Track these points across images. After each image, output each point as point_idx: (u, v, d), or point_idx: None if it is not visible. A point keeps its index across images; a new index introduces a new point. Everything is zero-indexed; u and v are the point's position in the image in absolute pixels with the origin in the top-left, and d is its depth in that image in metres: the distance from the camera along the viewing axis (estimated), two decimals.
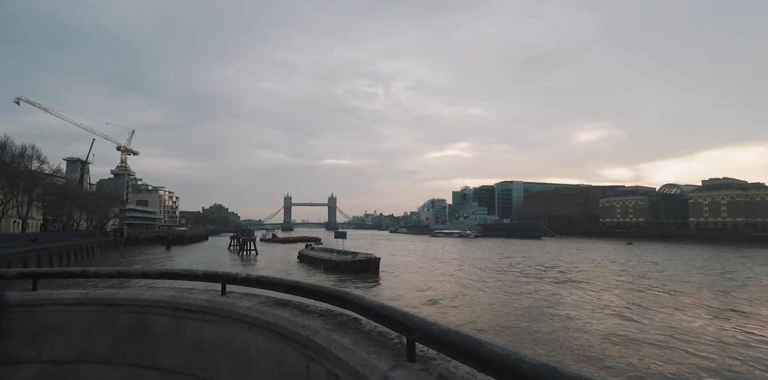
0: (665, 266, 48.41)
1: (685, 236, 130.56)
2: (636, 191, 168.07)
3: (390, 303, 3.39)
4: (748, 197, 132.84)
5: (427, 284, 33.28)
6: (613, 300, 26.92)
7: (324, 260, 45.14)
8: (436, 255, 67.19)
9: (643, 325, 19.93)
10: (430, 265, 49.53)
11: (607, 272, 42.77)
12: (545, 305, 24.93)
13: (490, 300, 26.84)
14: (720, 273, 41.69)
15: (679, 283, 33.99)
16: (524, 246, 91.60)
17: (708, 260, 56.90)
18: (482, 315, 22.44)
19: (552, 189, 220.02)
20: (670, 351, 15.96)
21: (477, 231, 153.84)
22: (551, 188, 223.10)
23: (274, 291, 4.90)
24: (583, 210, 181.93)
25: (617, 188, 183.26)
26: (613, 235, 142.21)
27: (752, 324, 20.19)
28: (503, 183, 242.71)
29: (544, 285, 33.47)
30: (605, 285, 33.52)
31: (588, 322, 20.57)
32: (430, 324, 2.51)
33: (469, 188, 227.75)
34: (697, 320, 21.20)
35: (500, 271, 43.27)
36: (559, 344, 16.78)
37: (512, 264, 50.42)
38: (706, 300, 26.84)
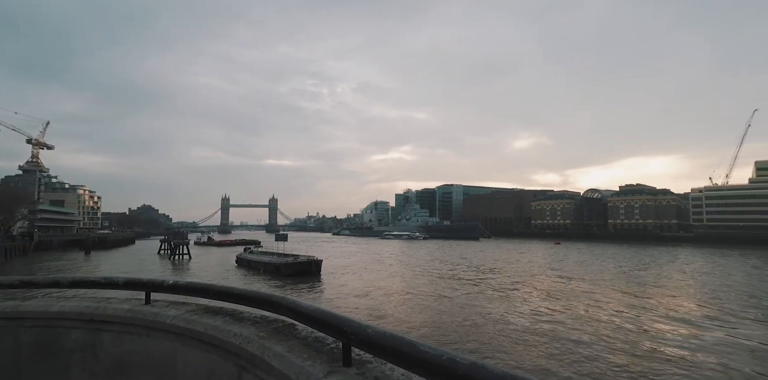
0: (584, 263, 53.34)
1: (605, 236, 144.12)
2: (563, 195, 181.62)
3: (326, 307, 3.33)
4: (656, 201, 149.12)
5: (369, 286, 33.42)
6: (536, 295, 29.20)
7: (264, 263, 43.64)
8: (379, 256, 67.71)
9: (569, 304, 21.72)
10: (373, 267, 49.84)
11: (536, 269, 46.65)
12: (478, 302, 26.42)
13: (428, 299, 27.77)
14: (619, 266, 47.93)
15: (583, 275, 38.33)
16: (462, 247, 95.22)
17: (614, 257, 64.83)
18: (420, 315, 23.05)
19: (489, 192, 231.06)
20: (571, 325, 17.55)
21: (425, 233, 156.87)
22: (489, 191, 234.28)
23: (205, 298, 4.61)
24: (517, 212, 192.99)
25: (547, 192, 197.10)
26: (544, 236, 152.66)
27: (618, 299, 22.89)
28: (444, 186, 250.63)
29: (479, 283, 35.45)
30: (531, 279, 36.64)
31: (519, 311, 22.04)
32: (365, 328, 2.48)
33: (411, 191, 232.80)
34: (595, 304, 23.55)
35: (439, 271, 44.82)
36: (489, 335, 17.81)
37: (451, 265, 52.70)
38: (605, 289, 30.59)
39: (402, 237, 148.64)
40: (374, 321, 20.96)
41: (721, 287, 33.93)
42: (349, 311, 23.08)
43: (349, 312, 22.15)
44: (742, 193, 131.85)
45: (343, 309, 23.77)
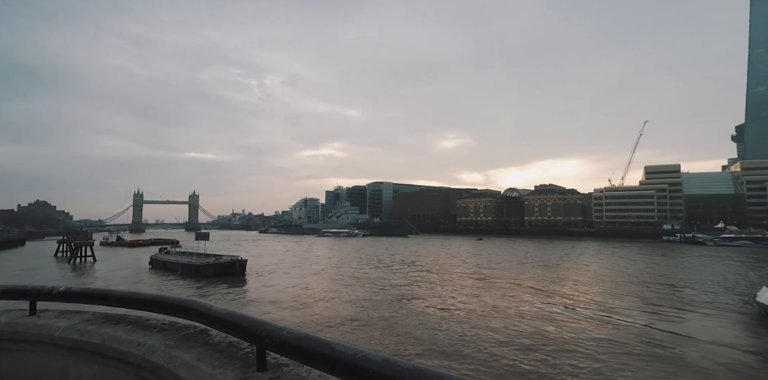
0: (500, 255, 57.45)
1: (522, 232, 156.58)
2: (486, 194, 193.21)
3: (249, 310, 3.13)
4: (565, 200, 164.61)
5: (296, 284, 32.70)
6: (453, 287, 30.73)
7: (182, 264, 40.64)
8: (307, 254, 66.64)
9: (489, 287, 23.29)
10: (301, 265, 48.90)
11: (458, 261, 48.98)
12: (401, 295, 27.23)
13: (353, 295, 27.98)
14: (524, 258, 52.14)
15: (495, 265, 41.81)
16: (391, 243, 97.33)
17: (526, 250, 71.61)
18: (346, 311, 23.08)
19: (418, 190, 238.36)
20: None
21: (358, 230, 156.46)
22: (417, 189, 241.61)
23: (105, 305, 4.11)
24: (443, 209, 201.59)
25: (471, 191, 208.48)
26: (468, 232, 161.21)
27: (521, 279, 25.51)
28: (374, 184, 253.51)
29: (403, 277, 36.73)
30: (451, 271, 38.41)
31: (437, 302, 23.09)
32: (281, 330, 2.44)
33: (342, 188, 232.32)
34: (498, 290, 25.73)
35: (367, 267, 45.32)
36: (411, 326, 18.48)
37: (378, 260, 53.73)
38: (517, 275, 33.23)
39: (341, 235, 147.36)
40: (299, 320, 20.58)
41: (600, 270, 40.80)
42: (273, 312, 22.39)
43: (273, 313, 21.74)
44: (633, 194, 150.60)
45: (267, 310, 22.98)
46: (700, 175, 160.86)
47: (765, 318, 21.92)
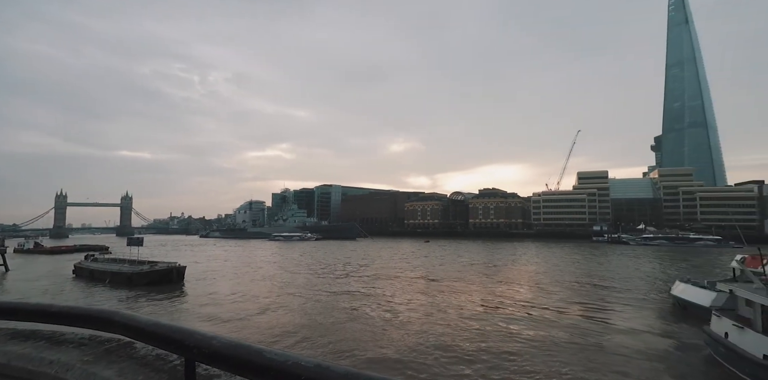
0: (443, 258, 59.00)
1: (467, 234, 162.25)
2: (433, 197, 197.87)
3: (175, 321, 2.88)
4: (507, 203, 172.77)
5: (238, 291, 31.32)
6: (395, 288, 31.18)
7: (111, 273, 37.45)
8: (252, 259, 64.28)
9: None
10: (245, 270, 46.98)
11: (405, 264, 49.71)
12: (348, 299, 26.96)
13: (297, 299, 27.41)
14: (468, 259, 54.08)
15: (440, 267, 42.92)
16: (339, 247, 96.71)
17: (472, 251, 74.32)
18: (289, 316, 22.57)
19: (367, 193, 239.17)
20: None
21: (318, 234, 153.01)
22: (366, 192, 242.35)
23: (13, 320, 3.64)
24: (392, 213, 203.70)
25: (419, 194, 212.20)
26: (416, 235, 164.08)
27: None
28: (323, 186, 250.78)
29: (351, 281, 36.39)
30: (398, 274, 38.91)
31: (381, 303, 23.25)
32: (211, 339, 2.30)
33: (289, 190, 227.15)
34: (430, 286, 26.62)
35: (314, 272, 44.50)
36: (354, 329, 18.44)
37: (324, 264, 53.10)
38: (461, 274, 34.24)
39: (293, 239, 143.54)
40: (242, 332, 19.75)
41: (538, 269, 43.31)
42: (213, 323, 21.26)
43: (213, 325, 20.63)
44: (567, 197, 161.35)
45: (206, 321, 21.76)
46: (625, 180, 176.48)
47: (678, 309, 24.34)
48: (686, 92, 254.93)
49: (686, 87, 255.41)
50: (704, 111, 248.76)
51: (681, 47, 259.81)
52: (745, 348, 13.86)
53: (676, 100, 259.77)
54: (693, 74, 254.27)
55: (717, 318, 16.32)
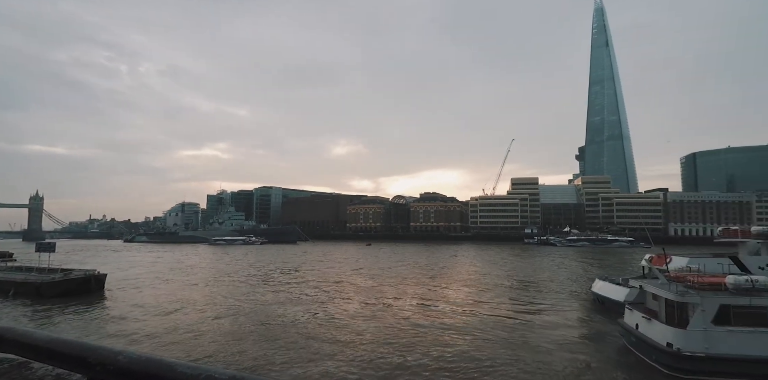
0: (384, 261, 59.69)
1: (408, 237, 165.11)
2: (375, 200, 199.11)
3: (88, 337, 2.64)
4: (447, 207, 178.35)
5: (165, 302, 29.05)
6: (330, 292, 30.99)
7: (15, 283, 33.02)
8: (182, 265, 60.36)
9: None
10: (174, 278, 43.93)
11: (345, 268, 49.45)
12: (277, 305, 26.26)
13: (228, 307, 26.14)
14: (409, 262, 55.26)
15: (381, 270, 43.42)
16: (278, 251, 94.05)
17: (413, 254, 75.89)
18: (217, 325, 21.53)
19: (308, 196, 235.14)
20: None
21: (263, 238, 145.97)
22: (308, 195, 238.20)
23: None
24: (334, 216, 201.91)
25: (362, 197, 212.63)
26: (357, 238, 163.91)
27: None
28: (263, 188, 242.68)
29: (283, 286, 35.60)
30: (338, 278, 38.61)
31: (312, 309, 22.96)
32: (117, 355, 2.15)
33: (226, 192, 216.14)
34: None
35: (249, 277, 42.83)
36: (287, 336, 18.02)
37: (260, 269, 51.31)
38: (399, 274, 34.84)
39: (236, 243, 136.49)
40: (164, 343, 18.34)
41: (474, 269, 45.18)
42: (135, 338, 19.52)
43: (135, 340, 18.90)
44: (501, 202, 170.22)
45: (128, 335, 19.92)
46: (553, 187, 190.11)
47: (598, 305, 26.52)
48: (606, 108, 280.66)
49: (606, 103, 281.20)
50: (621, 125, 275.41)
51: (602, 67, 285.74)
52: (652, 337, 15.39)
53: (597, 114, 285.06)
54: (612, 92, 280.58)
55: (629, 311, 18.00)
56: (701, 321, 14.16)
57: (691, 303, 14.57)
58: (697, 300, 14.38)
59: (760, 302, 14.09)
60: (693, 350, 13.92)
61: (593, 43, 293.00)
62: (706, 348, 13.86)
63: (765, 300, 14.13)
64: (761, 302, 14.08)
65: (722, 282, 15.12)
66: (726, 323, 14.07)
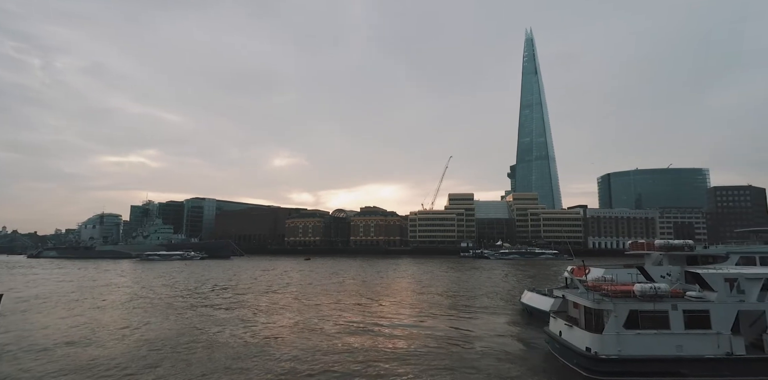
0: (322, 276, 58.61)
1: (348, 251, 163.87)
2: (315, 214, 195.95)
3: None
4: (386, 221, 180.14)
5: (70, 325, 25.90)
6: (254, 308, 29.95)
7: None
8: (96, 284, 54.65)
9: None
10: (85, 299, 39.40)
11: (282, 284, 47.80)
12: (204, 327, 24.77)
13: (149, 334, 23.50)
14: (347, 276, 54.81)
15: (319, 285, 42.74)
16: (209, 267, 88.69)
17: (352, 268, 75.06)
18: (122, 349, 19.74)
19: (245, 208, 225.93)
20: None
21: (203, 253, 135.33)
22: (245, 208, 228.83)
23: None
24: (272, 229, 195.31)
25: (301, 211, 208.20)
26: (296, 252, 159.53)
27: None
28: (195, 199, 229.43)
29: (208, 306, 33.53)
30: (271, 297, 37.15)
31: (229, 331, 21.96)
32: None
33: (153, 203, 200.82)
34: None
35: (173, 297, 39.84)
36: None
37: (189, 288, 47.63)
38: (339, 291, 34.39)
39: (172, 258, 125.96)
40: (47, 368, 16.47)
41: (412, 283, 45.78)
42: (28, 366, 17.26)
43: (26, 369, 16.53)
44: (439, 216, 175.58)
45: (20, 363, 17.64)
46: (487, 202, 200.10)
47: (526, 314, 28.03)
48: (534, 130, 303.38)
49: (534, 125, 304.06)
50: (547, 146, 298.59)
51: (531, 92, 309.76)
52: (573, 343, 16.54)
53: (527, 135, 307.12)
54: (540, 115, 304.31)
55: (553, 319, 19.24)
56: (614, 326, 15.50)
57: (605, 310, 15.91)
58: (611, 307, 15.75)
59: (662, 307, 15.76)
60: (608, 353, 15.15)
61: (524, 70, 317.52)
62: (619, 350, 15.16)
63: (666, 305, 15.83)
64: (663, 307, 15.76)
65: (631, 290, 16.72)
66: (635, 327, 15.53)
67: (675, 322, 15.55)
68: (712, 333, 15.40)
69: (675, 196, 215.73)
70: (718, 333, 15.37)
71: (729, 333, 15.39)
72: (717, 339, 15.31)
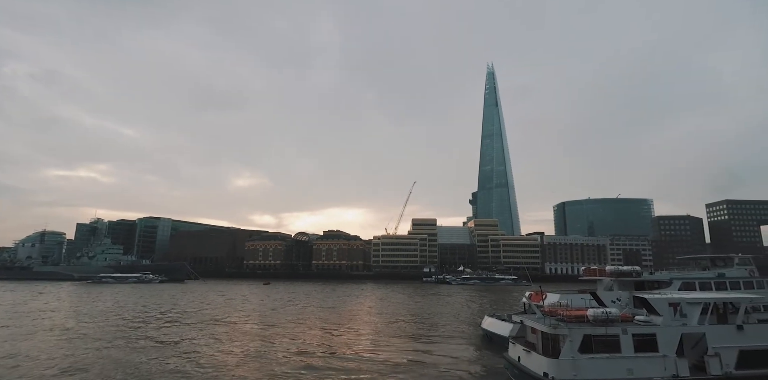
0: (283, 302, 56.82)
1: (310, 275, 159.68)
2: (276, 237, 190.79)
3: None
4: (350, 246, 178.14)
5: None
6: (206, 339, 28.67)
7: None
8: (28, 309, 50.23)
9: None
10: (19, 323, 36.11)
11: (238, 311, 45.68)
12: (132, 357, 23.39)
13: (70, 363, 22.05)
14: (309, 303, 53.38)
15: (279, 313, 41.05)
16: (160, 291, 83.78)
17: (314, 294, 72.84)
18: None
19: (203, 229, 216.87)
20: None
21: (162, 276, 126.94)
22: (202, 228, 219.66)
23: None
24: (230, 252, 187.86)
25: (262, 233, 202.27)
26: (255, 276, 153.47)
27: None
28: (149, 218, 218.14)
29: (149, 333, 31.69)
30: (226, 327, 35.38)
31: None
32: None
33: (102, 221, 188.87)
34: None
35: (116, 325, 37.29)
36: None
37: (131, 314, 44.55)
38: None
39: (128, 281, 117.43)
40: None
41: (374, 309, 45.01)
42: None
43: None
44: (403, 241, 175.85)
45: None
46: (449, 228, 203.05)
47: (487, 340, 28.35)
48: (494, 159, 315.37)
49: (494, 154, 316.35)
50: (507, 175, 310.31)
51: (492, 123, 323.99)
52: (531, 368, 16.93)
53: (488, 164, 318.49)
54: (500, 145, 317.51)
55: (512, 345, 19.66)
56: (570, 350, 16.08)
57: (561, 335, 16.52)
58: (566, 332, 16.38)
59: (613, 331, 16.57)
60: (564, 378, 15.63)
61: (485, 102, 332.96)
62: (574, 375, 15.68)
63: (617, 329, 16.66)
64: (614, 331, 16.57)
65: (585, 315, 17.49)
66: (589, 351, 16.18)
67: (625, 346, 16.36)
68: (659, 355, 16.30)
69: (624, 225, 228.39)
70: (665, 356, 16.29)
71: (674, 356, 16.34)
72: (663, 361, 16.20)
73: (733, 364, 16.66)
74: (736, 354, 16.83)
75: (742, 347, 17.01)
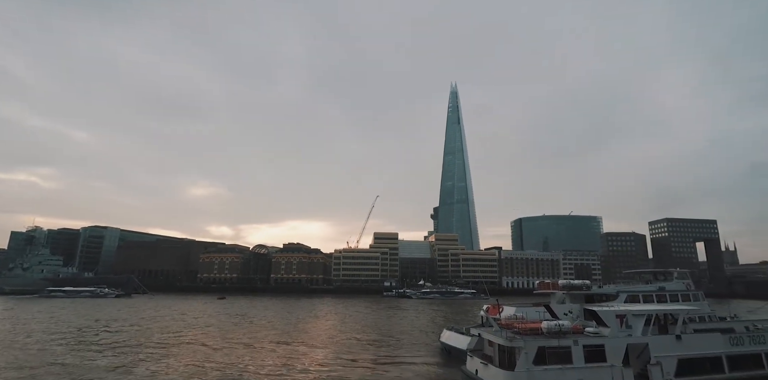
0: (236, 319, 54.67)
1: (267, 289, 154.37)
2: (234, 249, 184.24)
3: None
4: (310, 259, 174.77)
5: None
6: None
7: None
8: None
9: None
10: None
11: (185, 326, 43.40)
12: None
13: None
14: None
15: (233, 333, 39.37)
16: (99, 306, 78.23)
17: (270, 311, 70.21)
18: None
19: (154, 240, 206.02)
20: None
21: (119, 290, 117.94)
22: (153, 239, 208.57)
23: None
24: (183, 264, 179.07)
25: (218, 245, 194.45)
26: (210, 290, 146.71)
27: None
28: (94, 227, 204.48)
29: (82, 355, 29.57)
30: (175, 348, 33.57)
31: None
32: None
33: (41, 229, 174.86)
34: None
35: (46, 346, 34.52)
36: None
37: (61, 333, 41.11)
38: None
39: (82, 295, 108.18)
40: None
41: (332, 325, 44.05)
42: None
43: None
44: (364, 255, 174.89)
45: None
46: (411, 242, 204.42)
47: (445, 353, 28.53)
48: (456, 175, 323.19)
49: (456, 171, 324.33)
50: (467, 190, 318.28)
51: (454, 140, 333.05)
52: None
53: (449, 180, 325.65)
54: (461, 161, 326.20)
55: (470, 358, 19.95)
56: (525, 362, 16.55)
57: (517, 347, 16.99)
58: (521, 344, 16.87)
59: (565, 342, 17.25)
60: None
61: (448, 119, 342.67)
62: None
63: (568, 340, 17.36)
64: (566, 342, 17.25)
65: (539, 327, 18.11)
66: (543, 362, 16.71)
67: (576, 357, 17.05)
68: (607, 365, 17.10)
69: (575, 240, 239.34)
70: (612, 366, 17.11)
71: (620, 366, 17.20)
72: (611, 371, 17.00)
73: (672, 372, 17.75)
74: (675, 362, 17.97)
75: (680, 355, 18.19)
